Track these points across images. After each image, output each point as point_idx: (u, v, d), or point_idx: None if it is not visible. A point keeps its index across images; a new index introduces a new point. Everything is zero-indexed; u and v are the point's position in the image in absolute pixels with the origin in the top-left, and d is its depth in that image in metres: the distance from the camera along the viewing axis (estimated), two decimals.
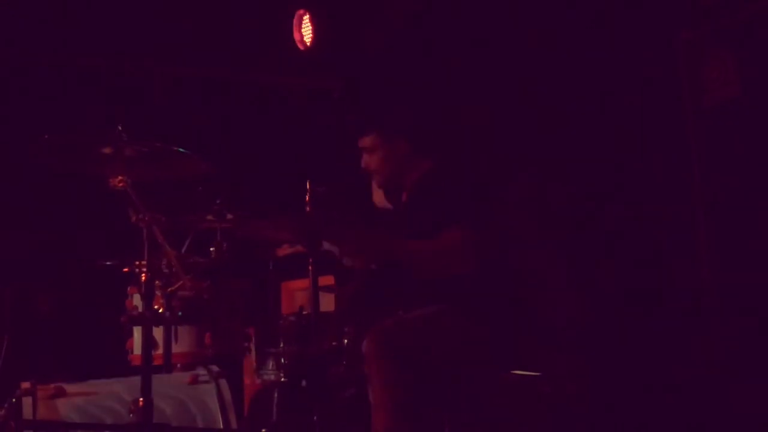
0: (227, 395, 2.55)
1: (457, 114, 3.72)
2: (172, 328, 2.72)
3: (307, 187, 2.54)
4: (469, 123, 3.74)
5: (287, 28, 4.10)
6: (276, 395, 2.52)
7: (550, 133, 3.61)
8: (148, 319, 2.21)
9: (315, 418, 2.30)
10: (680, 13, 3.18)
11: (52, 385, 2.41)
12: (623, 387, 3.08)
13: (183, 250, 2.71)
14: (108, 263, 2.71)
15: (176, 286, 2.50)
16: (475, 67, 3.75)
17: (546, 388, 2.51)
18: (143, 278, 2.23)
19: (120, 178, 2.20)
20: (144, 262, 2.23)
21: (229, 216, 2.58)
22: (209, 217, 2.57)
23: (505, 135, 3.72)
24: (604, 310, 3.36)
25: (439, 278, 2.52)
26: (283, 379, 2.51)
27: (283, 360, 2.52)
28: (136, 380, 2.21)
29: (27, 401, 2.35)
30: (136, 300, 2.82)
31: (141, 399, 2.14)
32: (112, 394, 2.44)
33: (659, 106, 3.26)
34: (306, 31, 4.08)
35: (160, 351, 2.73)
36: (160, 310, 2.29)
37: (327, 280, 3.24)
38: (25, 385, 2.39)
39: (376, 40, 4.00)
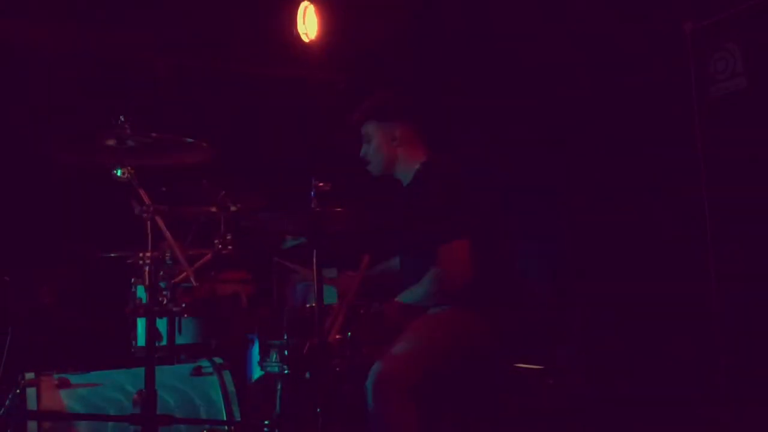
0: (230, 387, 2.56)
1: (452, 103, 3.72)
2: (176, 319, 2.73)
3: (312, 182, 2.54)
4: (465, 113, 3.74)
5: (291, 21, 4.09)
6: (279, 387, 2.52)
7: (549, 125, 3.61)
8: (151, 311, 2.21)
9: (318, 410, 2.30)
10: (688, 5, 3.17)
11: (56, 377, 2.41)
12: (625, 379, 3.08)
13: (187, 242, 2.71)
14: (112, 255, 2.71)
15: (180, 277, 2.50)
16: (475, 56, 3.75)
17: (549, 381, 2.51)
18: (147, 270, 2.23)
19: (123, 169, 2.20)
20: (148, 254, 2.22)
21: (233, 208, 2.58)
22: (213, 209, 2.57)
23: (502, 123, 3.72)
24: (606, 305, 3.36)
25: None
26: (286, 371, 2.51)
27: (286, 352, 2.52)
28: (140, 371, 2.22)
29: (31, 392, 2.35)
30: (140, 291, 2.83)
31: (144, 390, 2.14)
32: (116, 385, 2.44)
33: (666, 98, 3.25)
34: (310, 24, 4.07)
35: (164, 342, 2.74)
36: (164, 302, 2.29)
37: (330, 272, 3.24)
38: (30, 376, 2.39)
39: (378, 32, 4.00)
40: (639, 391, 3.11)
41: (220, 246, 2.61)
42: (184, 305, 2.52)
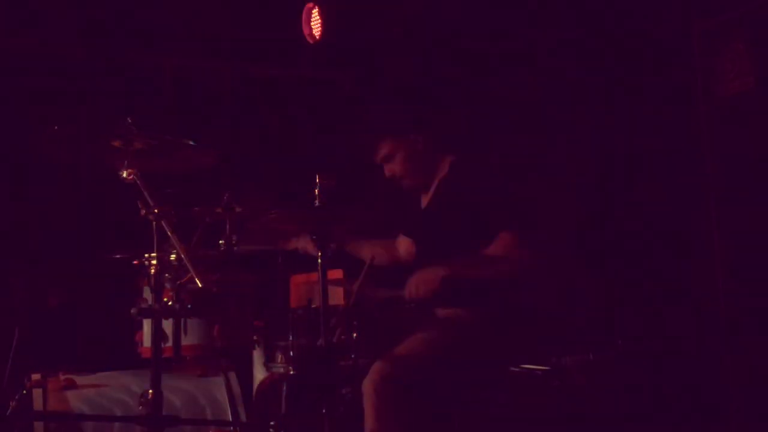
0: (236, 388, 2.56)
1: (467, 103, 3.70)
2: (182, 320, 2.72)
3: (317, 180, 2.54)
4: (482, 114, 3.73)
5: (296, 22, 4.09)
6: (284, 388, 2.53)
7: (560, 124, 3.60)
8: (157, 312, 2.21)
9: (323, 411, 2.30)
10: (695, 5, 3.16)
11: (63, 377, 2.42)
12: (631, 380, 3.07)
13: (192, 243, 2.71)
14: (118, 256, 2.72)
15: (186, 279, 2.50)
16: (486, 56, 3.74)
17: (555, 382, 2.50)
18: (153, 271, 2.23)
19: (130, 170, 2.20)
20: (154, 255, 2.23)
21: (239, 209, 2.58)
22: (218, 210, 2.57)
23: (515, 123, 3.71)
24: (612, 305, 3.35)
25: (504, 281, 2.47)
26: (291, 372, 2.51)
27: (291, 353, 2.52)
28: (146, 373, 2.22)
29: (38, 393, 2.36)
30: (146, 293, 2.83)
31: (150, 391, 2.15)
32: (122, 386, 2.45)
33: (673, 97, 3.25)
34: (315, 25, 4.07)
35: (170, 344, 2.75)
36: (170, 303, 2.29)
37: (336, 273, 3.24)
38: (36, 377, 2.40)
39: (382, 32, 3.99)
40: (645, 392, 3.10)
41: (225, 247, 2.61)
42: (189, 306, 2.53)
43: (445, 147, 2.73)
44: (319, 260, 2.46)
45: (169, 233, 2.20)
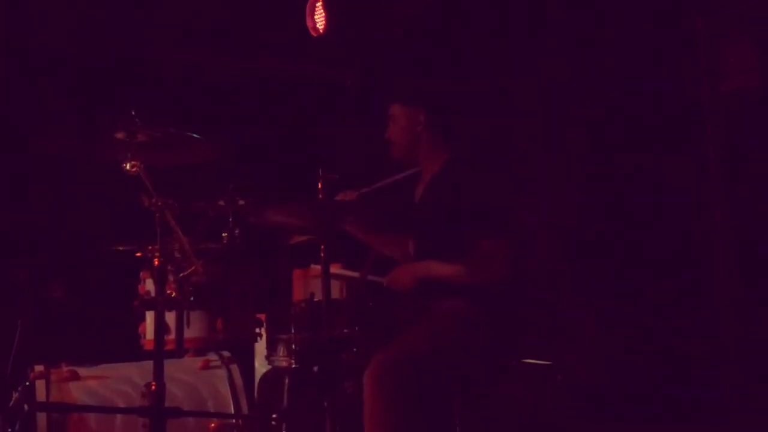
0: (238, 380, 2.56)
1: (475, 100, 3.70)
2: (184, 313, 2.73)
3: (320, 174, 2.54)
4: (485, 112, 3.73)
5: (300, 15, 4.08)
6: (287, 381, 2.53)
7: (562, 124, 3.60)
8: (160, 304, 2.22)
9: (325, 404, 2.30)
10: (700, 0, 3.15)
11: (66, 369, 2.43)
12: (634, 376, 3.08)
13: (195, 236, 2.72)
14: (121, 248, 2.72)
15: (188, 271, 2.51)
16: (495, 53, 3.73)
17: (558, 377, 2.50)
18: (156, 263, 2.24)
19: (133, 163, 2.21)
20: (157, 247, 2.23)
21: (242, 202, 2.59)
22: (221, 203, 2.58)
23: (516, 121, 3.70)
24: (615, 301, 3.35)
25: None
26: (293, 366, 2.51)
27: (294, 346, 2.52)
28: (148, 365, 2.22)
29: (40, 384, 2.36)
30: (149, 285, 2.84)
31: (153, 383, 2.15)
32: (125, 377, 2.45)
33: (678, 93, 3.24)
34: (319, 18, 4.06)
35: (172, 336, 2.75)
36: (173, 295, 2.30)
37: (337, 267, 3.24)
38: (39, 368, 2.40)
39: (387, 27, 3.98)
40: (647, 388, 3.11)
41: (228, 240, 2.62)
42: (192, 299, 2.53)
43: (443, 139, 2.75)
44: (322, 254, 2.47)
45: (172, 226, 2.21)
